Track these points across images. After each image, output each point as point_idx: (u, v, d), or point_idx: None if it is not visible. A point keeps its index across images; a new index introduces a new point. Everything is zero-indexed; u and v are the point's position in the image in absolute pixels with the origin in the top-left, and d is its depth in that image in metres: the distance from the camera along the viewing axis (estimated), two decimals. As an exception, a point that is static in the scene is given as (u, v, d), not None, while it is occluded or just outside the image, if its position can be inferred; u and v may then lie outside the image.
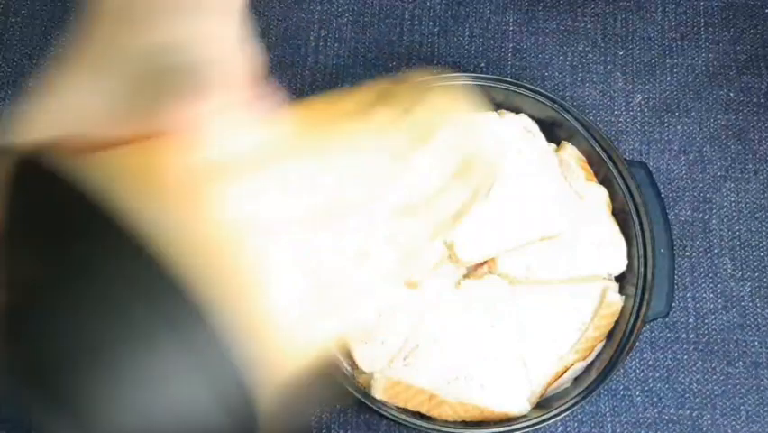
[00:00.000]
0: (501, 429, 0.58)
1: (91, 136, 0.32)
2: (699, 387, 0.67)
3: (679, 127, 0.73)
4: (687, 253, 0.70)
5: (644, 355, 0.67)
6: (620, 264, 0.63)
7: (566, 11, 0.77)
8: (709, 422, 0.66)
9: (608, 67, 0.75)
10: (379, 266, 0.36)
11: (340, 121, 0.37)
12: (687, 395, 0.67)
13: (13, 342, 0.29)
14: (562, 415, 0.58)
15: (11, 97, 0.73)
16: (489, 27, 0.76)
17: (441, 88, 0.40)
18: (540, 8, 0.77)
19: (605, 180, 0.64)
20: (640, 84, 0.74)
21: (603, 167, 0.64)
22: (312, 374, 0.35)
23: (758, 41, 0.76)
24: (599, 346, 0.62)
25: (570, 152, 0.65)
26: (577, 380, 0.61)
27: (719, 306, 0.69)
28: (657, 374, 0.67)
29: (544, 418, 0.58)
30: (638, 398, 0.67)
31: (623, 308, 0.62)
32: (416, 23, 0.76)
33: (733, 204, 0.71)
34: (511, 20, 0.76)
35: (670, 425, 0.66)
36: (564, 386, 0.62)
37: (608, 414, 0.66)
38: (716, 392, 0.67)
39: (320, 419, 0.66)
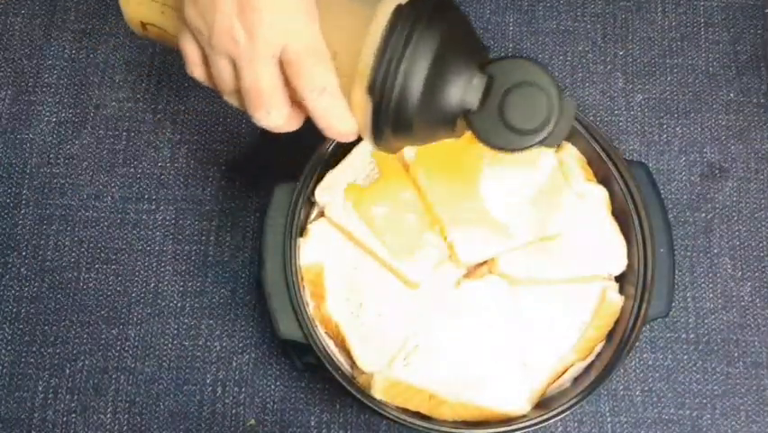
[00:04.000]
0: (501, 429, 0.58)
1: None
2: (699, 387, 0.67)
3: (678, 128, 0.73)
4: (687, 253, 0.70)
5: (644, 355, 0.67)
6: (620, 264, 0.63)
7: (566, 11, 0.77)
8: (709, 422, 0.66)
9: (608, 67, 0.75)
10: None
11: None
12: (687, 395, 0.67)
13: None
14: (562, 415, 0.58)
15: (11, 97, 0.73)
16: (489, 27, 0.76)
17: None
18: (540, 8, 0.77)
19: (605, 180, 0.64)
20: (640, 84, 0.75)
21: (603, 167, 0.64)
22: None
23: (758, 41, 0.76)
24: (599, 346, 0.62)
25: (570, 152, 0.65)
26: (577, 380, 0.61)
27: (719, 306, 0.69)
28: (657, 374, 0.67)
29: (544, 418, 0.58)
30: (638, 398, 0.67)
31: (623, 308, 0.62)
32: (416, 23, 0.76)
33: (733, 204, 0.71)
34: (511, 20, 0.76)
35: (670, 425, 0.66)
36: (564, 386, 0.62)
37: (607, 414, 0.66)
38: (716, 392, 0.67)
39: (320, 419, 0.66)
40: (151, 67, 0.74)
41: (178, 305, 0.68)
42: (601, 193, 0.64)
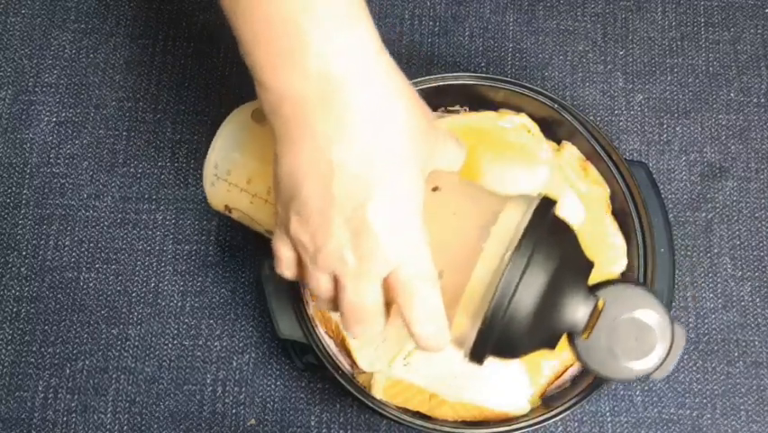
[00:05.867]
0: (501, 429, 0.58)
1: None
2: (699, 387, 0.67)
3: (678, 128, 0.73)
4: (687, 253, 0.70)
5: (645, 355, 0.67)
6: (620, 264, 0.63)
7: (566, 11, 0.77)
8: (709, 422, 0.66)
9: (609, 66, 0.75)
10: None
11: None
12: (687, 395, 0.67)
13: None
14: (562, 415, 0.58)
15: (11, 97, 0.73)
16: (489, 27, 0.76)
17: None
18: (540, 8, 0.77)
19: (605, 180, 0.64)
20: (640, 84, 0.75)
21: (603, 167, 0.64)
22: None
23: (758, 41, 0.76)
24: (599, 346, 0.62)
25: (570, 151, 0.65)
26: (577, 380, 0.61)
27: (719, 305, 0.69)
28: (657, 374, 0.67)
29: (544, 418, 0.58)
30: (638, 398, 0.67)
31: (623, 307, 0.62)
32: (416, 22, 0.76)
33: (734, 204, 0.71)
34: (511, 20, 0.76)
35: (670, 425, 0.66)
36: (564, 386, 0.62)
37: (607, 414, 0.66)
38: (716, 392, 0.67)
39: (320, 419, 0.66)
40: (151, 67, 0.74)
41: (179, 305, 0.68)
42: (601, 193, 0.64)
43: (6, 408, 0.66)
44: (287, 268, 0.48)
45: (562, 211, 0.62)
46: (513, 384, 0.60)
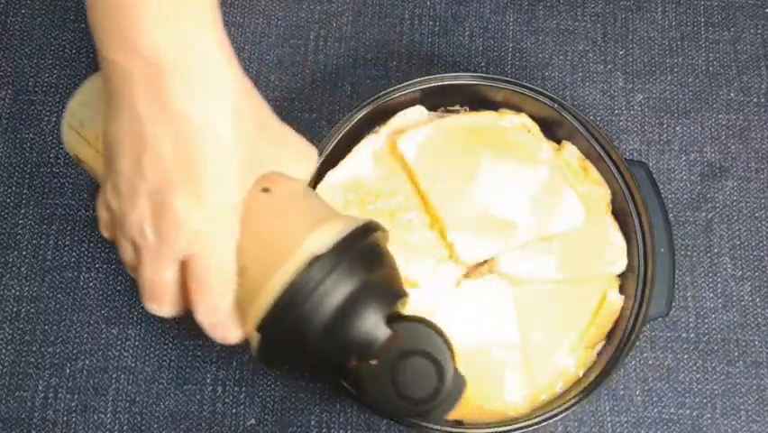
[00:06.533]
0: (501, 429, 0.58)
1: None
2: (699, 387, 0.67)
3: (679, 127, 0.73)
4: (687, 253, 0.70)
5: (644, 355, 0.67)
6: (620, 264, 0.63)
7: (566, 10, 0.77)
8: (709, 422, 0.66)
9: (609, 66, 0.75)
10: None
11: None
12: (687, 395, 0.67)
13: None
14: (562, 415, 0.58)
15: (11, 97, 0.73)
16: (489, 27, 0.76)
17: None
18: (540, 8, 0.77)
19: (605, 180, 0.64)
20: (640, 83, 0.75)
21: (603, 166, 0.64)
22: None
23: (758, 41, 0.76)
24: (599, 346, 0.62)
25: (570, 151, 0.65)
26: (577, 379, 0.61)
27: (719, 305, 0.69)
28: (657, 374, 0.67)
29: (544, 418, 0.58)
30: (638, 397, 0.67)
31: (623, 307, 0.62)
32: (416, 22, 0.76)
33: (734, 203, 0.71)
34: (511, 19, 0.76)
35: (670, 424, 0.66)
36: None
37: (607, 414, 0.66)
38: (716, 392, 0.67)
39: (320, 419, 0.66)
40: (151, 66, 0.74)
41: (179, 304, 0.68)
42: (601, 193, 0.64)
43: (6, 408, 0.66)
44: (105, 228, 0.50)
45: (560, 212, 0.62)
46: (512, 384, 0.60)
